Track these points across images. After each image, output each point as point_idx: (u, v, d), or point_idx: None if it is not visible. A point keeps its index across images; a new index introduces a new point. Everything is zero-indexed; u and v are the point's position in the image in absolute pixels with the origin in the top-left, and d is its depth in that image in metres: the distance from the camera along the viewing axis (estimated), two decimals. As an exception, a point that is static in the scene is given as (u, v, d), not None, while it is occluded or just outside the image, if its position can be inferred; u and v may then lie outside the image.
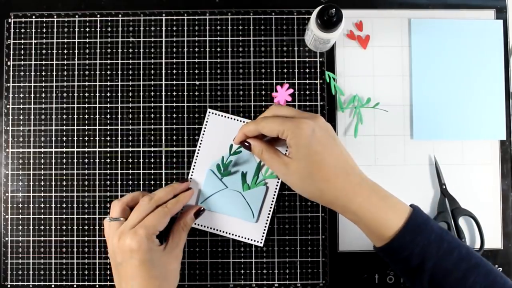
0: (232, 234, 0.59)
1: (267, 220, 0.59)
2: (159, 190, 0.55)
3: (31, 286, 0.59)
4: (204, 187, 0.59)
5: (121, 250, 0.49)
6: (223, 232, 0.59)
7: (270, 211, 0.59)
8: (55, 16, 0.62)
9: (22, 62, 0.61)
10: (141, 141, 0.60)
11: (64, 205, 0.60)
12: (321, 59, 0.61)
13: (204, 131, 0.59)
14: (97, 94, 0.61)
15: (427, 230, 0.47)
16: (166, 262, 0.51)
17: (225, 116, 0.59)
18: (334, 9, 0.51)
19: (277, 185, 0.59)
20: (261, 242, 0.59)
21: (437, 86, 0.61)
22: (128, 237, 0.49)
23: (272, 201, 0.59)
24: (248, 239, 0.59)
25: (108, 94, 0.61)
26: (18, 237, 0.60)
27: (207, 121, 0.59)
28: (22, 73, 0.61)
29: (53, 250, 0.60)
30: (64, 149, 0.60)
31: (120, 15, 0.62)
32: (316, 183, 0.48)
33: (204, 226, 0.59)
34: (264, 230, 0.59)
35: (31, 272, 0.60)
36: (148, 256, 0.49)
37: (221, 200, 0.58)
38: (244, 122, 0.59)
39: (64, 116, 0.61)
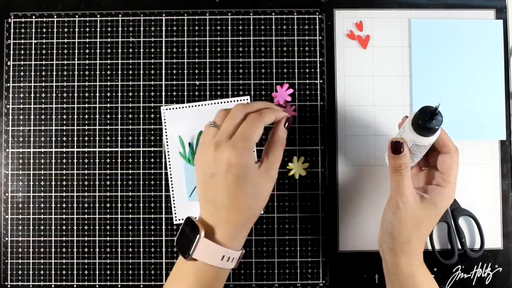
0: None
1: None
2: (253, 102, 0.52)
3: (31, 286, 0.60)
4: (186, 181, 0.59)
5: (217, 161, 0.47)
6: None
7: None
8: (55, 16, 0.62)
9: (22, 62, 0.61)
10: (141, 141, 0.60)
11: (64, 205, 0.60)
12: (321, 59, 0.61)
13: (165, 129, 0.60)
14: (97, 94, 0.61)
15: None
16: (260, 182, 0.48)
17: (180, 107, 0.60)
18: (434, 108, 0.45)
19: (254, 151, 0.59)
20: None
21: (437, 86, 0.61)
22: (227, 149, 0.46)
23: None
24: None
25: (108, 94, 0.61)
26: (18, 237, 0.60)
27: (164, 119, 0.60)
28: (22, 73, 0.61)
29: (53, 250, 0.60)
30: (64, 149, 0.60)
31: (120, 15, 0.62)
32: (417, 231, 0.49)
33: None
34: None
35: (31, 272, 0.60)
36: (244, 172, 0.46)
37: None
38: (201, 105, 0.60)
39: (64, 116, 0.61)
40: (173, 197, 0.60)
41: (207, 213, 0.49)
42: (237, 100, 0.60)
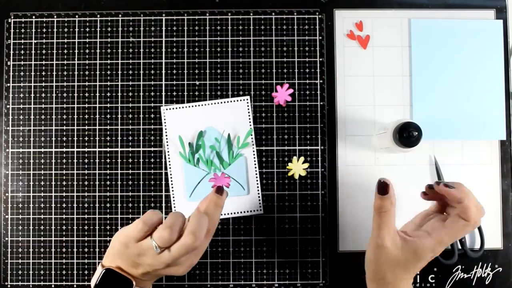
0: (232, 213, 0.59)
1: (258, 187, 0.59)
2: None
3: (31, 286, 0.59)
4: (186, 181, 0.59)
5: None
6: (222, 214, 0.59)
7: (257, 178, 0.59)
8: (55, 16, 0.62)
9: (22, 62, 0.61)
10: (141, 141, 0.60)
11: (64, 205, 0.60)
12: (321, 59, 0.61)
13: (165, 129, 0.60)
14: (97, 94, 0.61)
15: None
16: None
17: (180, 107, 0.60)
18: (417, 133, 0.50)
19: (253, 152, 0.60)
20: (260, 210, 0.59)
21: (437, 86, 0.61)
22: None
23: (255, 168, 0.59)
24: (248, 211, 0.59)
25: (108, 94, 0.61)
26: (18, 237, 0.60)
27: (164, 119, 0.60)
28: (22, 73, 0.61)
29: (53, 250, 0.60)
30: (64, 149, 0.60)
31: (120, 15, 0.62)
32: (392, 272, 0.47)
33: None
34: (259, 198, 0.59)
35: (31, 272, 0.60)
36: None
37: (208, 186, 0.59)
38: (201, 105, 0.60)
39: (64, 116, 0.61)
40: (173, 197, 0.60)
41: None
42: (237, 100, 0.60)
